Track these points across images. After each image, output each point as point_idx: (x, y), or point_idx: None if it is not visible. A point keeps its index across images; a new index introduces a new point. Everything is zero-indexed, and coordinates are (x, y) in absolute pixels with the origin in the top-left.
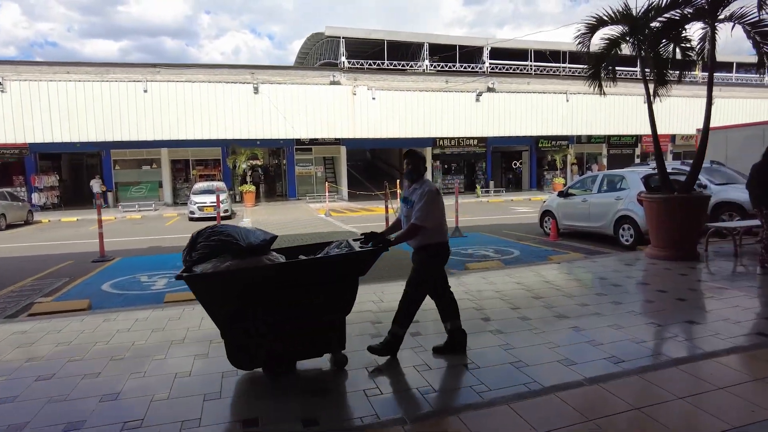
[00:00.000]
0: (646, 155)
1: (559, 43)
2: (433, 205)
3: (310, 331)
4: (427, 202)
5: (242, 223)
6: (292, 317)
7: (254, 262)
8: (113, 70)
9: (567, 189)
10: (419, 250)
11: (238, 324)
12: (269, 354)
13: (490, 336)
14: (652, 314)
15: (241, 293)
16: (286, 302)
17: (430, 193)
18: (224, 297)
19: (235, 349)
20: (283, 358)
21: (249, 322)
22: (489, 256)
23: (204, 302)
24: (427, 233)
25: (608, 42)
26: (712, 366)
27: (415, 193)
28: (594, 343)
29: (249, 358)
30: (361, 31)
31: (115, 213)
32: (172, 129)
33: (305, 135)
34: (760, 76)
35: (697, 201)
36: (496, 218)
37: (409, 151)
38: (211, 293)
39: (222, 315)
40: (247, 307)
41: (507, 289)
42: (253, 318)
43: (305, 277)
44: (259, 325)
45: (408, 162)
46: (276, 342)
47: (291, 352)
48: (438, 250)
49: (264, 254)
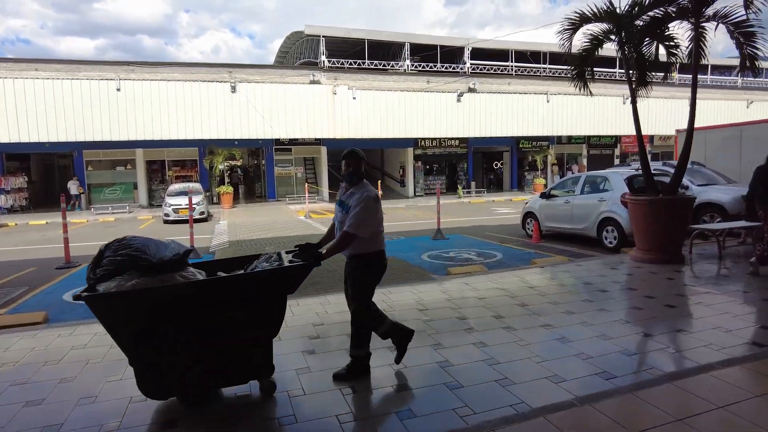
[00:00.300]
0: (626, 155)
1: (539, 44)
2: (370, 212)
3: (230, 355)
4: (363, 208)
5: (218, 225)
6: (210, 339)
7: (166, 280)
8: (85, 67)
9: (549, 190)
10: (353, 258)
11: (146, 344)
12: (184, 380)
13: (473, 349)
14: (641, 323)
15: (149, 313)
16: (202, 323)
17: (367, 199)
18: (129, 318)
19: (145, 375)
20: (201, 385)
21: (160, 341)
22: (472, 259)
23: (106, 324)
24: (361, 242)
25: (591, 40)
26: (709, 381)
27: (352, 198)
28: (583, 356)
29: (161, 385)
30: (342, 30)
31: (87, 215)
32: (147, 129)
33: (284, 135)
34: (742, 77)
35: (682, 203)
36: (477, 219)
37: (350, 152)
38: (114, 314)
39: (126, 336)
40: (158, 327)
41: (490, 296)
42: (164, 338)
43: (223, 296)
44: (171, 347)
45: (349, 163)
46: (191, 367)
47: (209, 379)
48: (372, 259)
49: (178, 270)
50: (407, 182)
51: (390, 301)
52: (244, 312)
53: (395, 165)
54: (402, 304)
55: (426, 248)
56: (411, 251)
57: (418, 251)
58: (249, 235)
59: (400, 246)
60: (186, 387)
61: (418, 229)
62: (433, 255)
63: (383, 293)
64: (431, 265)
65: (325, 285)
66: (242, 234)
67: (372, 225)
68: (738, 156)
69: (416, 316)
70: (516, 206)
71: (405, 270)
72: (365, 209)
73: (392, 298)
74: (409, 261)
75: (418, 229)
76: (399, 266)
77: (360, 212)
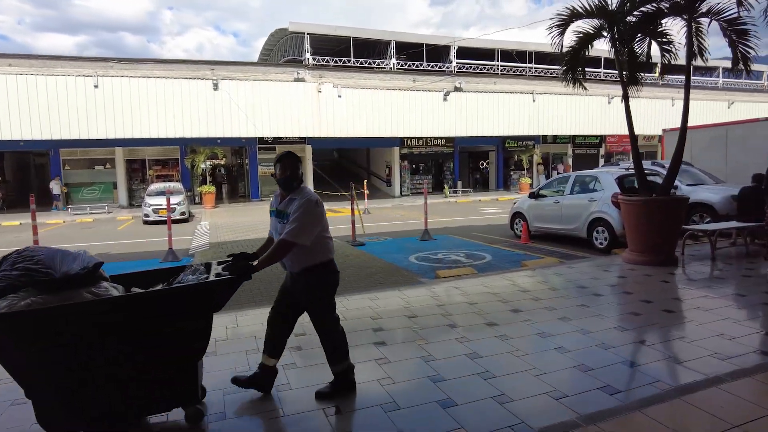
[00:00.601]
0: (610, 155)
1: (525, 44)
2: (311, 216)
3: (144, 380)
4: (304, 213)
5: (200, 226)
6: (121, 362)
7: (70, 297)
8: (61, 63)
9: (538, 190)
10: (300, 275)
11: (42, 372)
12: (93, 410)
13: (466, 361)
14: (640, 330)
15: (46, 334)
16: (111, 345)
17: (307, 203)
18: (20, 341)
19: (45, 406)
20: (112, 415)
21: (62, 367)
22: (460, 261)
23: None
24: (305, 252)
25: (582, 36)
26: (720, 396)
27: (292, 204)
28: (583, 367)
29: (65, 415)
30: (327, 28)
31: (64, 216)
32: (126, 127)
33: (268, 133)
34: (733, 75)
35: (676, 203)
36: (465, 219)
37: (286, 153)
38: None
39: (21, 362)
40: (58, 349)
41: (482, 301)
42: (68, 364)
43: (131, 316)
44: (76, 375)
45: (285, 166)
46: (99, 393)
47: (122, 407)
48: (321, 271)
49: (87, 285)
50: (393, 182)
51: (377, 307)
52: (162, 336)
53: (381, 164)
54: (390, 311)
55: (413, 249)
56: (398, 253)
57: (405, 253)
58: (231, 237)
59: (387, 247)
60: (97, 418)
61: (405, 230)
62: (421, 257)
63: (370, 298)
64: (419, 268)
65: None
66: (224, 235)
67: (314, 231)
68: (724, 156)
69: (405, 324)
70: (502, 206)
71: (392, 273)
72: (306, 214)
73: (379, 304)
74: (397, 263)
75: (405, 230)
76: (386, 269)
77: (299, 217)
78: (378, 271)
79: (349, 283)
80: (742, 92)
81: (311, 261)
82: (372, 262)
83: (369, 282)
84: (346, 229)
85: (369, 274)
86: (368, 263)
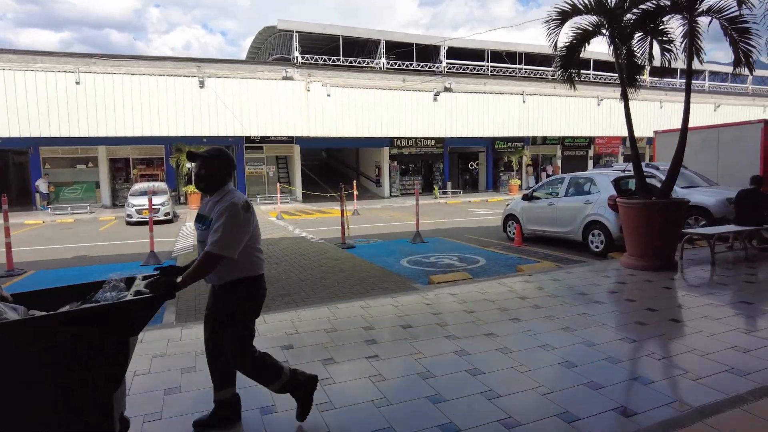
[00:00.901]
0: (599, 156)
1: (515, 44)
2: (236, 222)
3: (54, 413)
4: (229, 218)
5: (184, 227)
6: (13, 396)
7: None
8: (41, 59)
9: (532, 192)
10: (223, 289)
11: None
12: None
13: (469, 378)
14: (649, 342)
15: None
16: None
17: (232, 208)
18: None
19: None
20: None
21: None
22: (454, 265)
23: None
24: (232, 265)
25: (580, 33)
26: (746, 420)
27: (214, 209)
28: (593, 385)
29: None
30: (316, 26)
31: (44, 216)
32: (109, 125)
33: (255, 132)
34: (734, 75)
35: (676, 206)
36: (456, 221)
37: (207, 150)
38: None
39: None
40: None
41: (479, 309)
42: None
43: (33, 342)
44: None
45: (201, 164)
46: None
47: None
48: (248, 288)
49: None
50: (383, 182)
51: (369, 316)
52: (61, 363)
53: (371, 165)
54: (383, 319)
55: (405, 253)
56: (389, 256)
57: (396, 256)
58: None
59: (378, 250)
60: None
61: (396, 231)
62: (413, 260)
63: (362, 306)
64: (412, 272)
65: (297, 297)
66: None
67: (242, 241)
68: (716, 158)
69: (400, 336)
70: (492, 207)
71: (384, 278)
72: (231, 219)
73: (371, 313)
74: (389, 267)
75: (395, 231)
76: (378, 273)
77: (224, 225)
78: (369, 276)
79: (339, 289)
80: (727, 95)
81: (237, 275)
82: (362, 266)
83: (360, 288)
84: (335, 231)
85: (360, 280)
86: (358, 267)
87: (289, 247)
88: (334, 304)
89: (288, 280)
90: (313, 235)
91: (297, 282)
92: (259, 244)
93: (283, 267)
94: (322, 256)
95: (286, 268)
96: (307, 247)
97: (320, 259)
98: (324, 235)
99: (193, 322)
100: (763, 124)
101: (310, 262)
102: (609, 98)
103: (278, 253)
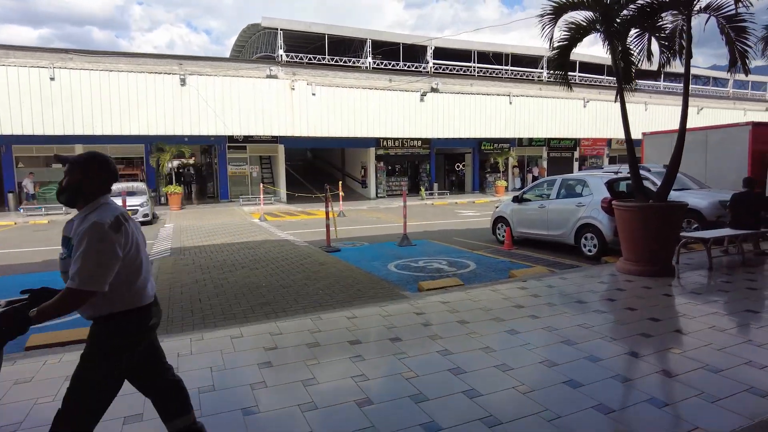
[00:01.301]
0: (584, 158)
1: (502, 45)
2: (102, 247)
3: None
4: (91, 243)
5: (163, 229)
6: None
7: None
8: (14, 53)
9: (522, 194)
10: (96, 323)
11: None
12: None
13: (464, 401)
14: (656, 357)
15: None
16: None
17: (93, 229)
18: None
19: None
20: None
21: None
22: (443, 270)
23: None
24: (101, 297)
25: (574, 28)
26: None
27: (78, 230)
28: (603, 408)
29: None
30: (301, 24)
31: (15, 217)
32: (86, 123)
33: (238, 132)
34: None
35: (673, 209)
36: (443, 223)
37: (81, 155)
38: None
39: None
40: None
41: (473, 320)
42: None
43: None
44: None
45: (66, 172)
46: None
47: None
48: (125, 323)
49: None
50: (369, 183)
51: (355, 327)
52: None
53: (356, 165)
54: (370, 332)
55: (392, 256)
56: (376, 260)
57: (383, 260)
58: (195, 241)
59: (364, 253)
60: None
61: (383, 234)
62: (401, 265)
63: (348, 317)
64: (400, 278)
65: (278, 306)
66: (188, 239)
67: (112, 270)
68: (704, 160)
69: (391, 350)
70: (480, 208)
71: (371, 284)
72: (95, 244)
73: (357, 324)
74: (376, 273)
75: (382, 234)
76: (364, 279)
77: (85, 253)
78: (355, 283)
79: (323, 297)
80: (709, 99)
81: (111, 308)
82: (348, 271)
83: (345, 295)
84: (320, 233)
85: (345, 286)
86: (344, 273)
87: (271, 250)
88: (317, 314)
89: (269, 287)
90: (297, 237)
91: (278, 289)
92: (142, 272)
93: (264, 272)
94: (306, 260)
95: (267, 273)
96: (290, 250)
97: (304, 263)
98: (308, 237)
99: (164, 334)
100: (751, 126)
101: (293, 267)
102: (595, 100)
103: (259, 257)
